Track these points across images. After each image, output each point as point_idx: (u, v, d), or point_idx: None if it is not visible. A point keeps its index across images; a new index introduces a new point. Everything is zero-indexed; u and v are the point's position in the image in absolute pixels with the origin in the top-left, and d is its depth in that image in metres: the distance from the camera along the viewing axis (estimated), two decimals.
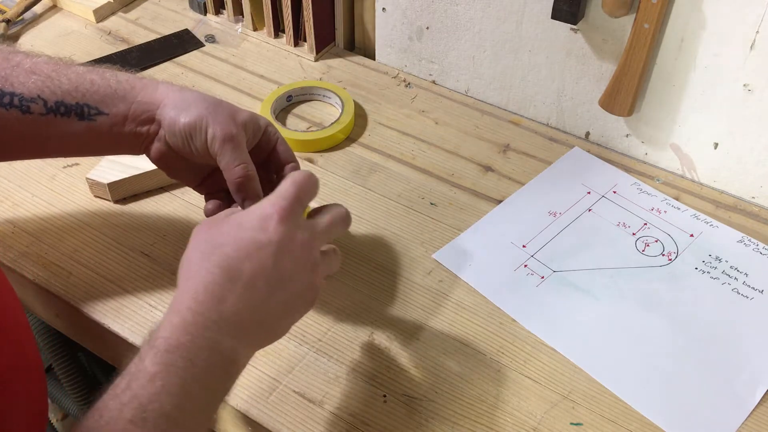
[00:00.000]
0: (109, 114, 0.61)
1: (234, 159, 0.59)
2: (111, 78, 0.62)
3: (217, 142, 0.59)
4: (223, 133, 0.59)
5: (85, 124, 0.61)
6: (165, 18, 1.08)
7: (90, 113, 0.61)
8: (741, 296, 0.73)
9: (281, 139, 0.65)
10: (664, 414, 0.64)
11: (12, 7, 1.04)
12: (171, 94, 0.62)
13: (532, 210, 0.82)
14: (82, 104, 0.61)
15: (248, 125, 0.62)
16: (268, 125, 0.64)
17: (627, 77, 0.81)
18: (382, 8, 0.96)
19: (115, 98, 0.61)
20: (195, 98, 0.61)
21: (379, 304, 0.72)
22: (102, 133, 0.62)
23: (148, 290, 0.72)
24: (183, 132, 0.60)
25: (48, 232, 0.77)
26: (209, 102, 0.61)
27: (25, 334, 0.59)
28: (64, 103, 0.61)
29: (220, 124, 0.60)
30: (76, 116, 0.61)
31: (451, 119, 0.94)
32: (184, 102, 0.61)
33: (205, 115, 0.60)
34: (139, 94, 0.62)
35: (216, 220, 0.55)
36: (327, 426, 0.63)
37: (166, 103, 0.61)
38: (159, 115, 0.61)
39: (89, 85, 0.61)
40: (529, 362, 0.68)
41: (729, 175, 0.83)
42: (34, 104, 0.60)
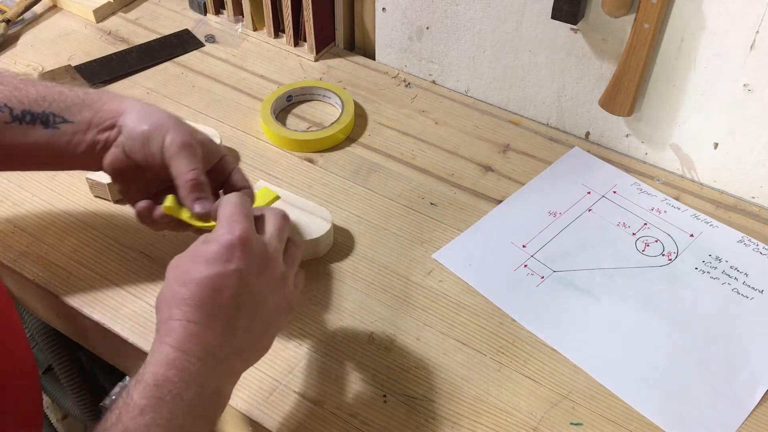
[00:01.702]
0: (73, 122, 0.62)
1: (189, 164, 0.60)
2: (80, 90, 0.63)
3: (174, 147, 0.60)
4: (181, 139, 0.60)
5: (49, 132, 0.62)
6: (165, 18, 1.08)
7: (55, 121, 0.62)
8: (741, 296, 0.73)
9: (237, 169, 0.66)
10: (664, 414, 0.64)
11: (12, 7, 1.04)
12: (136, 105, 0.63)
13: (532, 210, 0.82)
14: (48, 113, 0.62)
15: (206, 146, 0.63)
16: (226, 155, 0.65)
17: (627, 77, 0.81)
18: (382, 8, 0.96)
19: (81, 106, 0.62)
20: (159, 111, 0.62)
21: (379, 304, 0.72)
22: (63, 141, 0.62)
23: (148, 290, 0.72)
24: (141, 136, 0.61)
25: (48, 232, 0.77)
26: (172, 116, 0.62)
27: (19, 337, 0.60)
28: (30, 112, 0.61)
29: (180, 132, 0.60)
30: (41, 124, 0.61)
31: (451, 119, 0.94)
32: (147, 112, 0.62)
33: (166, 124, 0.61)
34: (106, 103, 0.63)
35: (184, 258, 0.54)
36: (327, 426, 0.63)
37: (129, 111, 0.62)
38: (121, 121, 0.62)
39: (57, 95, 0.62)
40: (529, 362, 0.68)
41: (729, 175, 0.83)
42: (1, 113, 0.61)
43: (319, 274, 0.75)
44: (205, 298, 0.51)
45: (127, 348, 0.69)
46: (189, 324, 0.50)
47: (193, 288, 0.51)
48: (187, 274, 0.52)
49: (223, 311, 0.51)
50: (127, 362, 0.74)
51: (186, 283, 0.51)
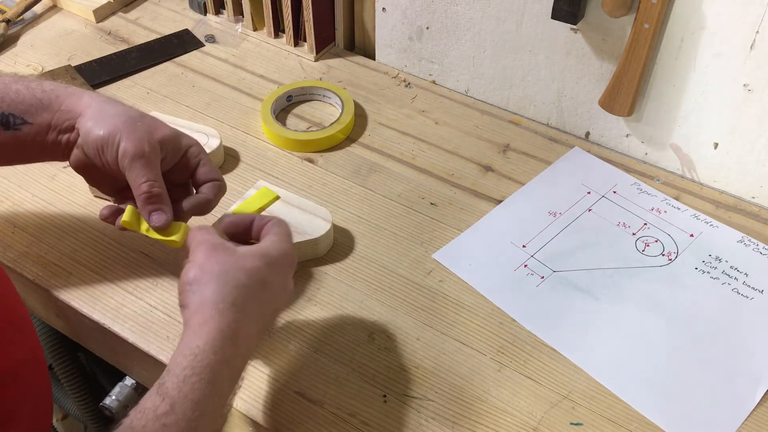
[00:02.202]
0: (33, 123, 0.62)
1: (141, 176, 0.60)
2: (36, 88, 0.63)
3: (127, 159, 0.60)
4: (134, 149, 0.60)
5: (11, 134, 0.61)
6: (165, 18, 1.08)
7: (15, 123, 0.61)
8: (741, 296, 0.73)
9: (204, 160, 0.65)
10: (664, 414, 0.64)
11: (12, 7, 1.04)
12: (93, 105, 0.62)
13: (532, 210, 0.82)
14: (8, 114, 0.61)
15: (166, 143, 0.62)
16: (191, 146, 0.64)
17: (627, 77, 0.81)
18: (382, 8, 0.96)
19: (39, 108, 0.62)
20: (115, 111, 0.61)
21: (379, 304, 0.72)
22: (27, 142, 0.62)
23: (148, 290, 0.72)
24: (95, 144, 0.60)
25: (48, 232, 0.77)
26: (128, 116, 0.61)
27: (30, 330, 0.60)
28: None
29: (133, 140, 0.60)
30: (2, 126, 0.61)
31: (451, 119, 0.94)
32: (102, 114, 0.61)
33: (120, 129, 0.60)
34: (63, 103, 0.62)
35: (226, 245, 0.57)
36: (327, 426, 0.63)
37: (86, 113, 0.62)
38: (78, 123, 0.62)
39: (14, 95, 0.62)
40: (529, 362, 0.68)
41: (729, 175, 0.83)
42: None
43: (319, 274, 0.75)
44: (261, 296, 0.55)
45: (127, 348, 0.69)
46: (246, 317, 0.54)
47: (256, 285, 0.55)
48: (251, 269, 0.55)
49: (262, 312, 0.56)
50: (127, 362, 0.74)
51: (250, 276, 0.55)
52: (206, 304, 0.52)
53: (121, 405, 0.89)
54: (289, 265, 0.59)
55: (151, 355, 0.67)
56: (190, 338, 0.51)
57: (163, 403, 0.48)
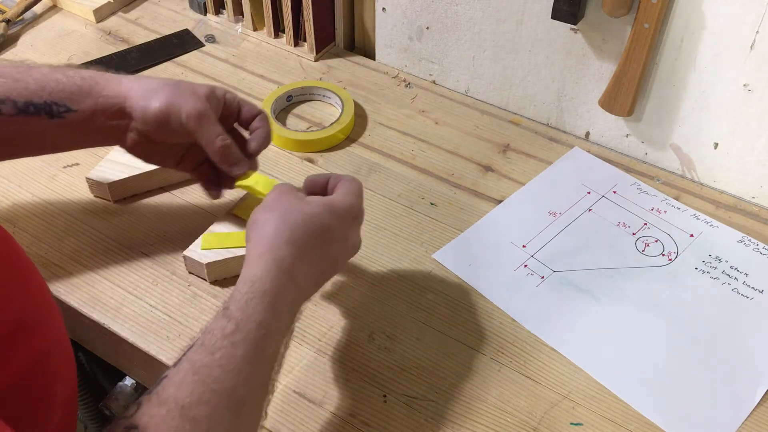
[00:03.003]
0: (77, 110, 0.64)
1: (212, 132, 0.65)
2: (75, 75, 0.65)
3: (192, 120, 0.64)
4: (195, 111, 0.64)
5: (56, 121, 0.64)
6: (165, 18, 1.08)
7: (59, 111, 0.64)
8: (741, 296, 0.73)
9: (241, 100, 0.70)
10: (664, 414, 0.64)
11: (12, 7, 1.04)
12: (134, 86, 0.65)
13: (532, 210, 0.82)
14: (50, 102, 0.63)
15: (210, 98, 0.66)
16: (226, 93, 0.69)
17: (627, 77, 0.81)
18: (382, 8, 0.96)
19: (80, 95, 0.64)
20: (158, 85, 0.65)
21: (379, 304, 0.72)
22: (74, 128, 0.65)
23: (148, 290, 0.72)
24: (156, 118, 0.64)
25: (48, 232, 0.77)
26: (171, 85, 0.65)
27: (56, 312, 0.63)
28: (33, 103, 0.63)
29: (190, 103, 0.64)
30: (46, 114, 0.64)
31: (451, 119, 0.94)
32: (148, 90, 0.65)
33: (173, 99, 0.64)
34: (105, 89, 0.65)
35: (298, 193, 0.61)
36: (327, 426, 0.63)
37: (132, 95, 0.65)
38: (128, 107, 0.65)
39: (55, 84, 0.64)
40: (529, 362, 0.68)
41: (729, 175, 0.83)
42: (4, 105, 0.62)
43: None
44: (321, 240, 0.58)
45: (127, 348, 0.69)
46: (305, 256, 0.57)
47: (318, 228, 0.58)
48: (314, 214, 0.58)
49: (323, 258, 0.59)
50: (127, 362, 0.74)
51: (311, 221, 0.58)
52: (265, 238, 0.56)
53: (120, 405, 0.89)
54: (353, 217, 0.61)
55: (151, 355, 0.67)
56: (249, 268, 0.55)
57: (229, 323, 0.51)
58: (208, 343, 0.50)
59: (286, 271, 0.55)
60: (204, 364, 0.49)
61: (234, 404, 0.49)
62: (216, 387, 0.48)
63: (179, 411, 0.46)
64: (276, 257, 0.55)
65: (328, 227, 0.59)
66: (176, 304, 0.71)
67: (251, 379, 0.51)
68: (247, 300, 0.53)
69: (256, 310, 0.52)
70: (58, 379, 0.61)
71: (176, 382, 0.48)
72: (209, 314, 0.70)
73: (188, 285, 0.73)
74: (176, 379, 0.48)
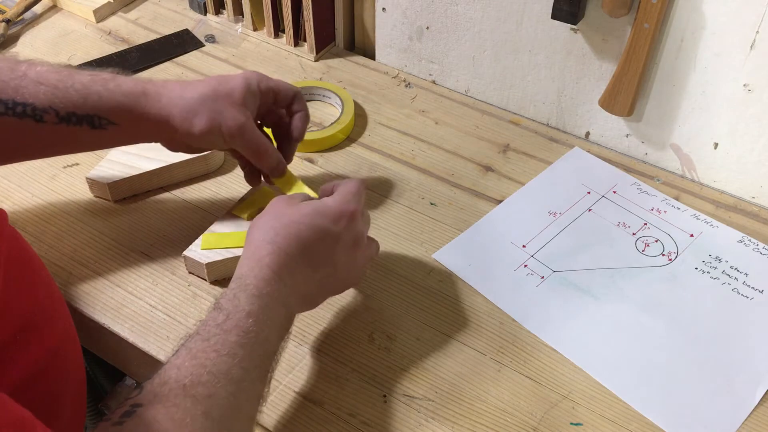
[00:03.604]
0: (118, 124, 0.66)
1: (252, 143, 0.69)
2: (116, 91, 0.66)
3: (233, 136, 0.68)
4: (236, 126, 0.67)
5: (98, 132, 0.66)
6: (165, 18, 1.08)
7: (101, 123, 0.66)
8: (741, 296, 0.73)
9: (275, 85, 0.73)
10: (664, 414, 0.64)
11: (12, 7, 1.04)
12: (175, 105, 0.67)
13: (532, 210, 0.82)
14: (92, 115, 0.65)
15: (248, 100, 0.69)
16: (259, 83, 0.71)
17: (627, 77, 0.81)
18: (382, 8, 0.96)
19: (122, 111, 0.66)
20: (197, 101, 0.67)
21: (379, 304, 0.72)
22: (114, 138, 0.68)
23: (147, 290, 0.72)
24: (200, 138, 0.68)
25: (48, 232, 0.77)
26: (209, 100, 0.67)
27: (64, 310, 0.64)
28: (75, 114, 0.65)
29: (229, 119, 0.67)
30: (88, 125, 0.65)
31: (451, 119, 0.94)
32: (189, 112, 0.67)
33: (213, 116, 0.67)
34: (145, 107, 0.66)
35: (295, 200, 0.63)
36: (327, 426, 0.63)
37: (174, 115, 0.67)
38: (171, 127, 0.67)
39: (97, 98, 0.65)
40: (529, 362, 0.68)
41: (729, 175, 0.83)
42: (47, 114, 0.64)
43: None
44: (309, 241, 0.60)
45: (127, 348, 0.69)
46: (288, 256, 0.59)
47: (303, 229, 0.60)
48: (300, 216, 0.61)
49: (315, 258, 0.61)
50: (127, 362, 0.74)
51: (297, 223, 0.60)
52: (252, 239, 0.60)
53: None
54: (347, 218, 0.62)
55: (151, 355, 0.67)
56: (238, 267, 0.59)
57: (220, 314, 0.54)
58: (203, 332, 0.53)
59: (269, 267, 0.58)
60: (200, 349, 0.52)
61: (231, 385, 0.51)
62: (213, 369, 0.51)
63: (181, 390, 0.49)
64: (258, 256, 0.58)
65: (315, 227, 0.61)
66: (176, 304, 0.71)
67: (245, 362, 0.53)
68: (235, 294, 0.56)
69: (244, 302, 0.55)
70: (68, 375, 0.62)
71: (176, 365, 0.51)
72: None
73: (188, 285, 0.73)
74: (176, 363, 0.51)
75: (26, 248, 0.61)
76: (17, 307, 0.57)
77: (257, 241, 0.60)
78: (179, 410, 0.48)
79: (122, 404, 0.48)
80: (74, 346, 0.64)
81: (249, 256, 0.59)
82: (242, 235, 0.73)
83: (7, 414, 0.41)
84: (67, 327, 0.64)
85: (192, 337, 0.54)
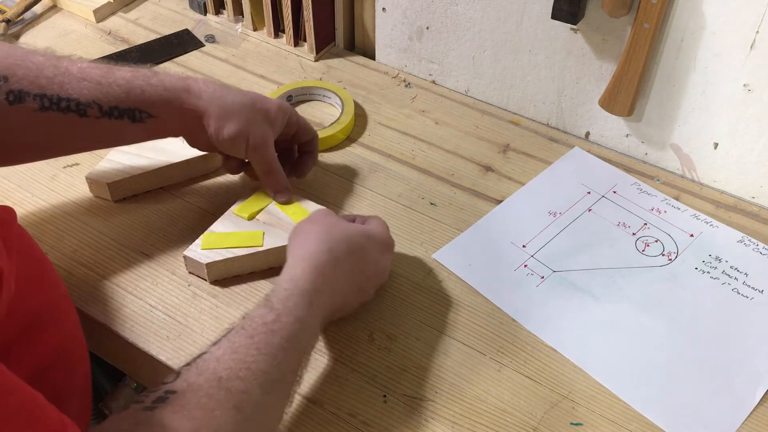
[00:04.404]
0: (158, 117, 0.69)
1: (264, 162, 0.74)
2: (158, 85, 0.69)
3: (256, 150, 0.72)
4: (261, 141, 0.72)
5: (136, 125, 0.69)
6: (165, 18, 1.08)
7: (141, 117, 0.69)
8: (741, 296, 0.73)
9: (300, 120, 0.78)
10: (664, 414, 0.64)
11: (12, 7, 1.04)
12: (214, 102, 0.70)
13: (532, 210, 0.82)
14: (134, 109, 0.68)
15: (277, 123, 0.74)
16: (291, 114, 0.76)
17: (627, 77, 0.81)
18: (382, 8, 0.97)
19: (163, 104, 0.69)
20: (235, 107, 0.70)
21: (379, 304, 0.72)
22: (150, 131, 0.70)
23: (148, 290, 0.72)
24: (226, 141, 0.71)
25: (48, 232, 0.77)
26: (247, 107, 0.71)
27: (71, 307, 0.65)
28: (117, 108, 0.67)
29: (258, 133, 0.71)
30: (129, 119, 0.68)
31: (451, 119, 0.94)
32: (226, 113, 0.70)
33: (245, 126, 0.70)
34: (185, 102, 0.69)
35: (334, 215, 0.68)
36: (327, 426, 0.63)
37: (210, 113, 0.70)
38: (205, 121, 0.70)
39: (139, 93, 0.68)
40: (529, 362, 0.68)
41: (729, 175, 0.83)
42: (90, 108, 0.66)
43: None
44: (357, 258, 0.64)
45: (127, 348, 0.69)
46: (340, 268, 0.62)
47: (355, 247, 0.64)
48: (353, 233, 0.65)
49: (356, 276, 0.65)
50: (127, 362, 0.74)
51: (350, 238, 0.64)
52: (308, 244, 0.62)
53: (121, 405, 0.89)
54: (385, 245, 0.69)
55: (151, 355, 0.67)
56: (292, 268, 0.60)
57: (270, 313, 0.56)
58: (249, 327, 0.55)
59: (322, 276, 0.60)
60: (243, 344, 0.53)
61: (266, 384, 0.53)
62: (252, 366, 0.52)
63: (216, 381, 0.50)
64: (317, 262, 0.61)
65: (363, 248, 0.65)
66: (176, 304, 0.71)
67: (284, 365, 0.54)
68: (288, 295, 0.58)
69: (296, 306, 0.57)
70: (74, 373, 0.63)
71: (216, 357, 0.52)
72: (209, 314, 0.70)
73: (188, 285, 0.73)
74: (216, 354, 0.52)
75: (34, 246, 0.62)
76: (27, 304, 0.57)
77: (315, 246, 0.62)
78: (211, 400, 0.49)
79: (157, 389, 0.49)
80: (80, 343, 0.65)
81: (305, 259, 0.61)
82: (242, 235, 0.73)
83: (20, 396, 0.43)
84: (73, 324, 0.64)
85: (237, 331, 0.55)
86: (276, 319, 0.55)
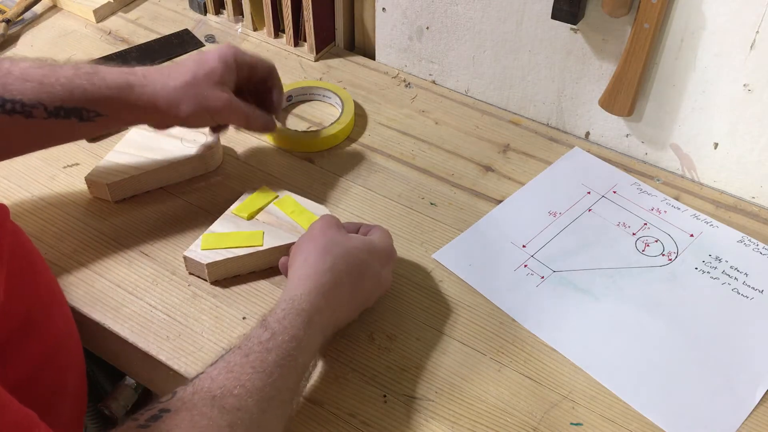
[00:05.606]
0: (107, 116, 0.68)
1: (235, 117, 0.74)
2: (101, 84, 0.67)
3: (220, 113, 0.72)
4: (221, 104, 0.72)
5: (85, 124, 0.67)
6: (165, 18, 1.08)
7: (89, 116, 0.67)
8: (741, 296, 0.73)
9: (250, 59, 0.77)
10: (664, 414, 0.64)
11: (12, 7, 1.04)
12: (159, 93, 0.69)
13: (532, 210, 0.82)
14: (80, 108, 0.66)
15: (226, 77, 0.73)
16: (235, 57, 0.74)
17: (627, 77, 0.81)
18: (382, 8, 0.97)
19: (108, 102, 0.68)
20: (181, 88, 0.70)
21: (379, 304, 0.72)
22: (104, 127, 0.70)
23: (148, 290, 0.72)
24: (187, 120, 0.71)
25: (48, 232, 0.77)
26: (191, 85, 0.70)
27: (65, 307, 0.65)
28: (63, 108, 0.66)
29: (212, 100, 0.71)
30: (77, 118, 0.67)
31: (451, 119, 0.94)
32: (175, 98, 0.70)
33: (197, 101, 0.70)
34: (130, 96, 0.68)
35: (336, 225, 0.67)
36: (327, 426, 0.63)
37: (161, 103, 0.69)
38: (158, 109, 0.70)
39: (82, 92, 0.66)
40: (529, 362, 0.68)
41: (729, 175, 0.83)
42: (36, 110, 0.65)
43: None
44: (358, 275, 0.64)
45: (127, 348, 0.69)
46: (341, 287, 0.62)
47: (356, 262, 0.64)
48: (354, 248, 0.64)
49: (358, 292, 0.65)
50: (127, 362, 0.74)
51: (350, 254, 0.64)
52: (308, 263, 0.62)
53: (120, 405, 0.89)
54: (388, 257, 0.68)
55: (151, 355, 0.67)
56: (291, 289, 0.61)
57: (265, 332, 0.56)
58: (244, 347, 0.55)
59: (323, 295, 0.60)
60: (238, 363, 0.53)
61: (262, 401, 0.52)
62: (247, 384, 0.52)
63: (210, 399, 0.50)
64: (317, 282, 0.61)
65: (365, 262, 0.64)
66: (176, 304, 0.71)
67: (279, 382, 0.54)
68: (285, 315, 0.58)
69: (291, 325, 0.57)
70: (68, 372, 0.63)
71: (211, 376, 0.52)
72: (209, 314, 0.70)
73: (188, 285, 0.73)
74: (212, 374, 0.52)
75: (28, 244, 0.62)
76: (19, 303, 0.57)
77: (315, 266, 0.62)
78: (204, 418, 0.48)
79: (152, 407, 0.49)
80: (74, 343, 0.65)
81: (306, 278, 0.61)
82: (242, 235, 0.73)
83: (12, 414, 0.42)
84: (67, 324, 0.64)
85: (233, 350, 0.55)
86: (271, 338, 0.56)
